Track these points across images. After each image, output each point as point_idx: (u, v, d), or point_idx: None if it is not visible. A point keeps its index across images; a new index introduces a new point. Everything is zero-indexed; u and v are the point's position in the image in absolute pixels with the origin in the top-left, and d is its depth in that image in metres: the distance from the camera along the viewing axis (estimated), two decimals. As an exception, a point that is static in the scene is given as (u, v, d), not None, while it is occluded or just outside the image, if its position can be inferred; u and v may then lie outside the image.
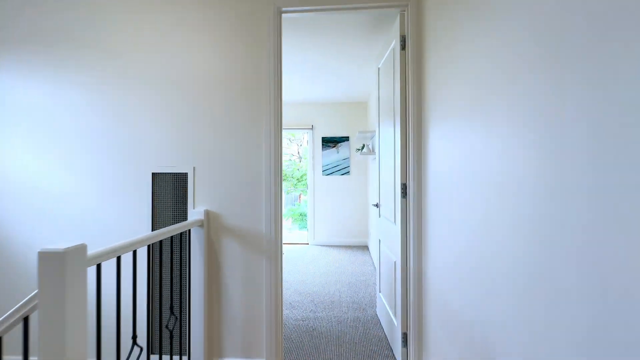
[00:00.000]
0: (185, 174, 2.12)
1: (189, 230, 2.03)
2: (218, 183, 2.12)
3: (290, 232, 7.57)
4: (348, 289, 3.45)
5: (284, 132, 5.87)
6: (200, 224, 2.02)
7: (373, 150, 4.41)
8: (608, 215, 0.60)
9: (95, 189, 2.11)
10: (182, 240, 2.05)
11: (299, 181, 12.99)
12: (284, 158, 12.89)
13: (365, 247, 5.48)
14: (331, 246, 5.58)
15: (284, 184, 14.03)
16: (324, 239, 5.69)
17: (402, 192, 1.98)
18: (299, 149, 14.24)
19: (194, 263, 2.02)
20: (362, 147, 4.52)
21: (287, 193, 15.16)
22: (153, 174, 2.12)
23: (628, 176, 0.56)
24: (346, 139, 5.67)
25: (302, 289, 3.47)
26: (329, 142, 5.68)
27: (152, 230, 2.06)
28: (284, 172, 13.01)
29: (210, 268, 2.08)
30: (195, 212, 2.04)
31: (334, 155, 5.68)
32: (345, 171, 5.66)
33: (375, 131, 4.02)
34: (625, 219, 0.57)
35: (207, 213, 2.08)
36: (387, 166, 2.38)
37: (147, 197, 2.11)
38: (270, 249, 2.06)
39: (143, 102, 2.11)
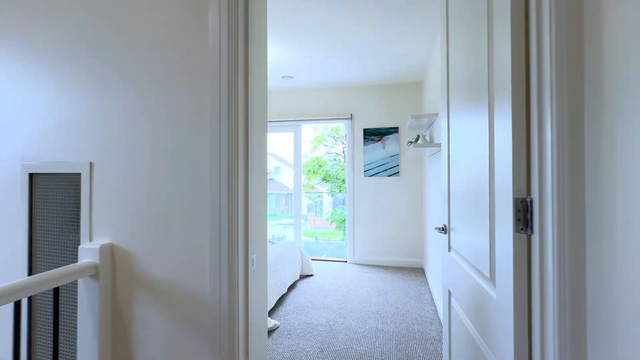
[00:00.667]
0: (78, 175, 1.17)
1: (77, 282, 1.08)
2: (129, 195, 1.14)
3: (327, 243, 6.49)
4: (395, 348, 2.29)
5: (317, 124, 4.83)
6: (93, 273, 1.06)
7: (432, 141, 3.17)
8: None
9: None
10: (65, 300, 1.11)
11: (345, 183, 11.93)
12: (325, 157, 11.88)
13: (419, 271, 4.20)
14: (375, 266, 4.41)
15: (326, 185, 13.08)
16: (365, 256, 4.54)
17: (515, 219, 0.80)
18: (344, 147, 13.19)
19: (82, 349, 1.06)
20: (417, 139, 3.30)
21: (332, 195, 14.18)
22: (32, 174, 1.21)
23: None
24: (394, 130, 4.45)
25: (327, 343, 2.39)
26: (373, 135, 4.52)
27: (30, 274, 1.15)
28: (326, 173, 12.05)
29: None
30: (86, 250, 1.08)
31: (378, 151, 4.50)
32: (393, 171, 4.45)
33: (437, 116, 2.80)
34: None
35: (111, 250, 1.12)
36: (468, 166, 1.18)
37: (19, 215, 1.21)
38: (218, 329, 1.03)
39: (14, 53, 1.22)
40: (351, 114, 4.58)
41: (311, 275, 4.02)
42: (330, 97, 4.67)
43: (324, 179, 12.65)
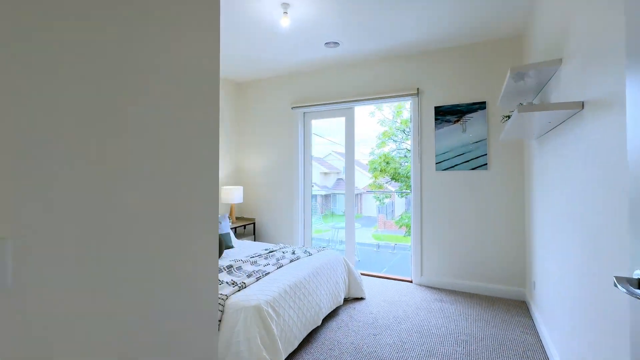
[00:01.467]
0: None
1: None
2: None
3: (392, 253, 5.40)
4: None
5: (374, 105, 3.88)
6: None
7: (545, 104, 1.95)
8: None
9: None
10: None
11: (416, 182, 10.52)
12: (395, 154, 10.63)
13: (520, 306, 2.92)
14: (450, 292, 3.25)
15: (396, 185, 11.76)
16: (437, 276, 3.40)
17: None
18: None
19: None
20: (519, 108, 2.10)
21: (402, 196, 12.79)
22: None
23: None
24: (479, 106, 3.23)
25: None
26: (448, 115, 3.36)
27: None
28: (395, 171, 10.79)
29: None
30: None
31: (456, 135, 3.32)
32: (478, 163, 3.23)
33: (560, 63, 1.65)
34: None
35: None
36: None
37: None
38: None
39: None
40: (417, 89, 3.49)
41: (361, 298, 3.08)
42: (389, 68, 3.65)
43: (393, 178, 11.41)
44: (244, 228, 4.46)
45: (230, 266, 2.50)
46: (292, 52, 3.49)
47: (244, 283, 2.12)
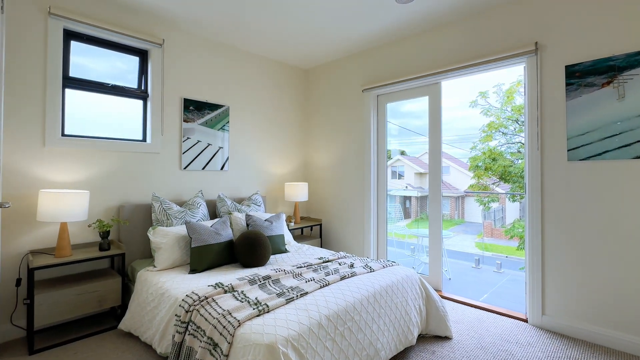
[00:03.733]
0: None
1: None
2: None
3: (498, 272, 4.18)
4: None
5: (468, 77, 2.98)
6: None
7: None
8: None
9: None
10: None
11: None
12: (504, 149, 8.79)
13: None
14: (592, 346, 2.10)
15: (505, 187, 9.70)
16: (569, 318, 2.27)
17: None
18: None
19: None
20: None
21: (513, 200, 10.60)
22: None
23: None
24: (654, 55, 2.00)
25: None
26: (590, 75, 2.21)
27: None
28: (504, 169, 8.89)
29: None
30: None
31: (605, 106, 2.16)
32: (648, 147, 2.01)
33: None
34: None
35: None
36: None
37: None
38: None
39: None
40: (535, 43, 2.42)
41: (446, 338, 2.23)
42: (487, 21, 2.66)
43: (501, 178, 9.47)
44: (311, 229, 4.00)
45: (268, 277, 2.02)
46: (358, 17, 2.84)
47: (267, 306, 1.60)
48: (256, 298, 1.70)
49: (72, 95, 2.53)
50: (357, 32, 3.11)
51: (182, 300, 1.78)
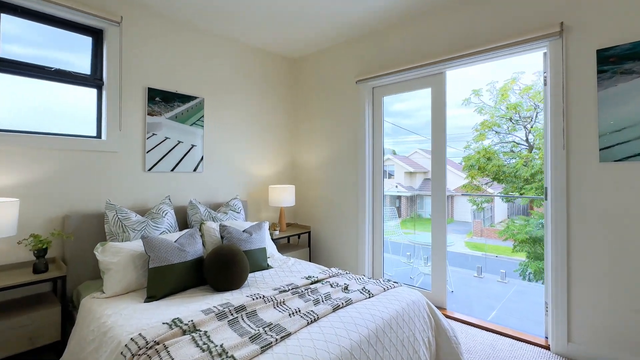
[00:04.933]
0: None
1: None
2: None
3: (503, 281, 3.85)
4: None
5: (477, 66, 2.62)
6: None
7: None
8: None
9: None
10: None
11: (527, 183, 8.22)
12: (497, 147, 8.56)
13: None
14: (638, 385, 1.76)
15: (497, 187, 9.48)
16: (601, 347, 1.93)
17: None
18: (528, 134, 9.20)
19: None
20: None
21: (507, 201, 10.41)
22: None
23: None
24: None
25: None
26: (628, 61, 1.86)
27: None
28: (498, 169, 8.65)
29: None
30: None
31: (647, 98, 1.81)
32: (703, 145, 1.67)
33: None
34: None
35: None
36: None
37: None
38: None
39: None
40: (561, 24, 2.06)
41: None
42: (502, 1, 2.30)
43: (495, 178, 9.24)
44: (298, 238, 3.58)
45: (242, 308, 1.60)
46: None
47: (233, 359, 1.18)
48: (222, 345, 1.28)
49: (2, 81, 2.05)
50: (351, 14, 2.71)
51: (125, 346, 1.35)
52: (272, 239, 3.04)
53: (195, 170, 2.91)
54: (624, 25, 1.87)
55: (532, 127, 8.73)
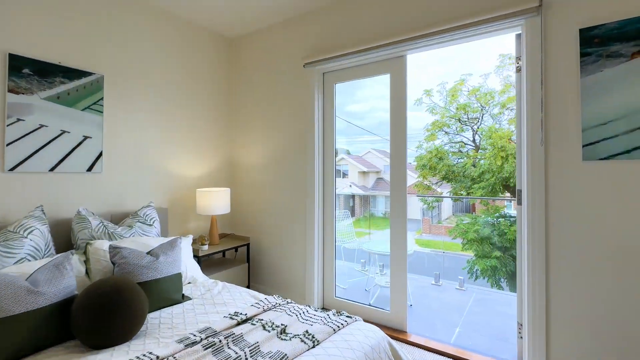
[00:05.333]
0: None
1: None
2: None
3: (461, 289, 3.61)
4: None
5: (442, 50, 2.27)
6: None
7: None
8: None
9: None
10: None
11: (474, 182, 8.41)
12: (447, 148, 8.67)
13: None
14: None
15: (446, 186, 9.67)
16: (588, 381, 1.64)
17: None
18: (475, 134, 9.45)
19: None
20: None
21: (455, 200, 10.70)
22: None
23: None
24: None
25: None
26: (615, 42, 1.58)
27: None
28: (448, 169, 8.77)
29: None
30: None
31: (633, 87, 1.54)
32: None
33: None
34: None
35: None
36: None
37: None
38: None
39: None
40: (540, 0, 1.75)
41: None
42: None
43: (444, 178, 9.38)
44: (235, 252, 2.99)
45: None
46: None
47: None
48: None
49: None
50: (295, -23, 2.20)
51: None
52: (198, 257, 2.42)
53: (90, 169, 2.19)
54: (609, 1, 1.60)
55: (478, 127, 8.96)
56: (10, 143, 1.86)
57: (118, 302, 1.32)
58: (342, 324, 1.48)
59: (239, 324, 1.49)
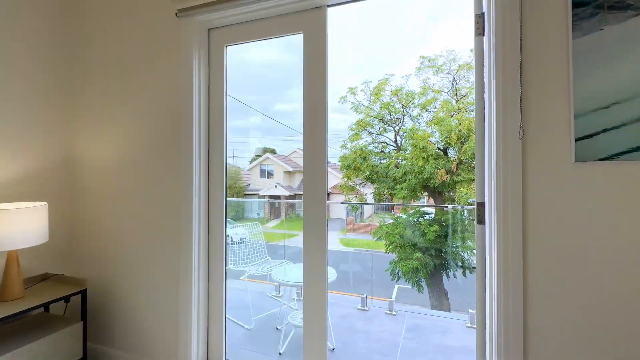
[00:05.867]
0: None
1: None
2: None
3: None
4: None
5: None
6: None
7: None
8: None
9: None
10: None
11: (397, 183, 8.34)
12: (370, 148, 8.45)
13: None
14: None
15: (370, 187, 9.54)
16: None
17: None
18: (397, 134, 9.47)
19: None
20: None
21: (378, 200, 10.67)
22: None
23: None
24: None
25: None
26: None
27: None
28: (372, 170, 8.58)
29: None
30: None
31: (642, 55, 1.06)
32: None
33: None
34: None
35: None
36: None
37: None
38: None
39: None
40: None
41: None
42: None
43: (368, 178, 9.20)
44: (66, 304, 1.89)
45: None
46: None
47: None
48: None
49: None
50: None
51: None
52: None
53: None
54: None
55: (400, 128, 8.97)
56: None
57: None
58: None
59: None
